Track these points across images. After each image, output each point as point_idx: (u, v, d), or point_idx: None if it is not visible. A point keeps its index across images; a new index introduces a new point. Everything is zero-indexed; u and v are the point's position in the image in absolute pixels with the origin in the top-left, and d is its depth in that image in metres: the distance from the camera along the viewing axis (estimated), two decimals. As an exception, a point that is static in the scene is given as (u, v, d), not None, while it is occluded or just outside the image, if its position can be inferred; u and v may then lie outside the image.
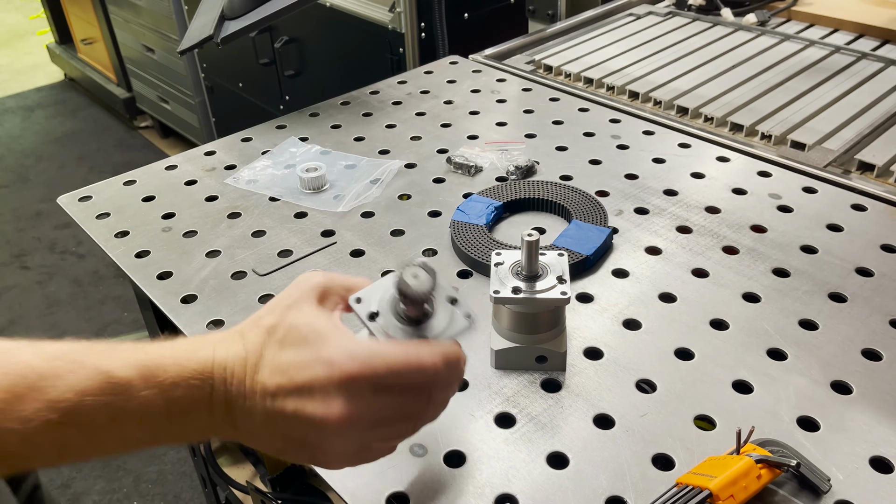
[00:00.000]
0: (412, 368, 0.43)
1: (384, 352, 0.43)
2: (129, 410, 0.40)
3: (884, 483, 0.51)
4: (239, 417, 0.43)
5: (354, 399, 0.42)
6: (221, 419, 0.43)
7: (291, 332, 0.44)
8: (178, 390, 0.42)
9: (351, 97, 1.09)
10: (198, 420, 0.43)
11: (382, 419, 0.44)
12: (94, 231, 0.82)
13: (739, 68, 1.12)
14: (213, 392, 0.43)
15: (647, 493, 0.50)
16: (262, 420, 0.43)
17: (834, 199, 0.82)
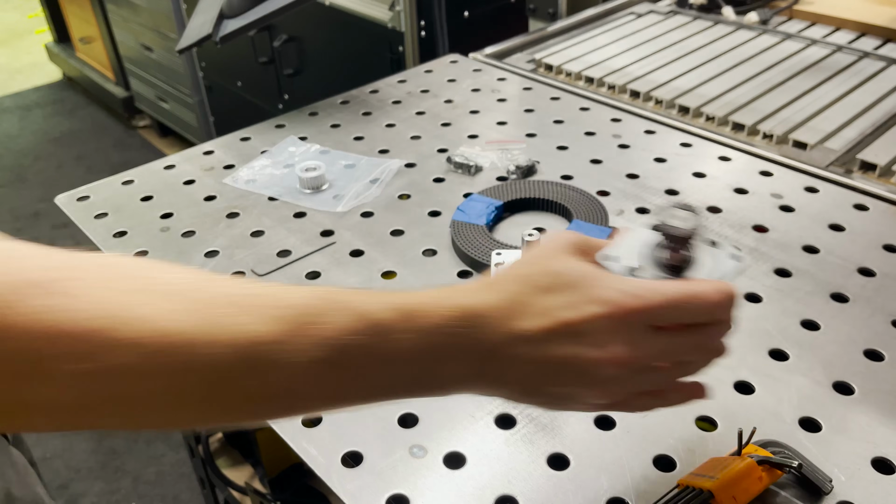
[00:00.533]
0: (692, 302, 0.41)
1: (661, 287, 0.41)
2: (391, 353, 0.38)
3: (886, 484, 0.50)
4: (497, 367, 0.41)
5: (632, 337, 0.40)
6: (478, 368, 0.41)
7: (554, 278, 0.42)
8: (437, 336, 0.39)
9: (350, 96, 1.09)
10: (455, 368, 0.40)
11: (655, 361, 0.42)
12: (93, 231, 0.82)
13: (741, 67, 1.12)
14: (471, 340, 0.40)
15: (649, 494, 0.50)
16: (525, 369, 0.41)
17: (836, 199, 0.82)
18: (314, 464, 0.54)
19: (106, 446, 1.78)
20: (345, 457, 0.54)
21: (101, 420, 0.34)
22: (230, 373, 0.35)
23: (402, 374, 0.40)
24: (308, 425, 0.57)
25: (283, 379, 0.36)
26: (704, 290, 0.42)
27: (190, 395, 0.35)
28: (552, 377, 0.41)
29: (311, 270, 0.74)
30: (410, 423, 0.57)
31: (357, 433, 0.56)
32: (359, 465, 0.53)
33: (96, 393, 0.32)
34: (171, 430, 0.43)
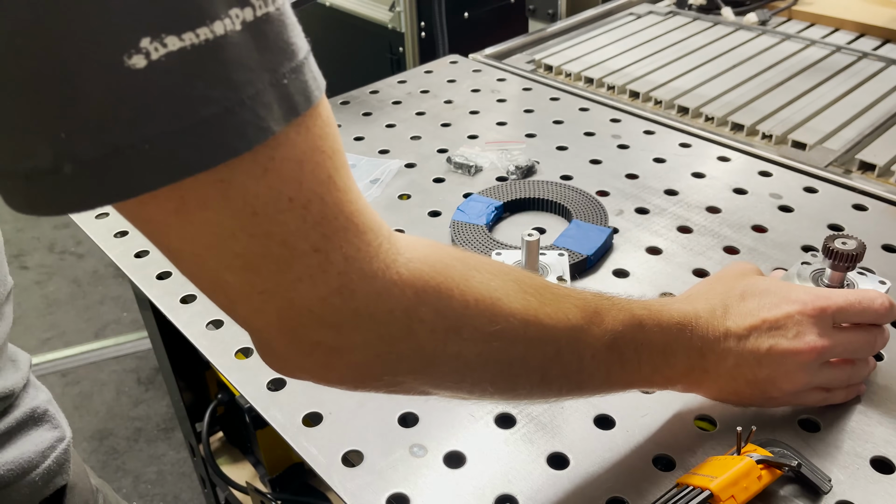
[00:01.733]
0: (866, 305, 0.51)
1: (841, 292, 0.52)
2: (646, 345, 0.46)
3: (885, 483, 0.51)
4: (711, 361, 0.49)
5: (821, 330, 0.50)
6: (698, 361, 0.49)
7: (750, 288, 0.52)
8: (673, 332, 0.47)
9: (350, 97, 1.09)
10: (682, 360, 0.48)
11: (837, 355, 0.52)
12: (93, 231, 0.82)
13: (740, 68, 1.12)
14: (694, 336, 0.48)
15: (648, 493, 0.50)
16: (734, 361, 0.49)
17: (835, 199, 0.82)
18: (315, 463, 0.54)
19: (107, 445, 1.79)
20: (345, 456, 0.54)
21: (480, 381, 0.40)
22: (559, 346, 0.42)
23: (650, 362, 0.47)
24: (308, 424, 0.57)
25: (586, 357, 0.43)
26: (874, 295, 0.52)
27: (533, 364, 0.41)
28: (755, 367, 0.50)
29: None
30: (410, 423, 0.57)
31: (357, 432, 0.56)
32: (359, 465, 0.53)
33: (489, 352, 0.39)
34: (505, 400, 0.50)
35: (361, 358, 0.35)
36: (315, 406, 0.58)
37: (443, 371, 0.38)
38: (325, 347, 0.34)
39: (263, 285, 0.31)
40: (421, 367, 0.37)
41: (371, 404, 0.58)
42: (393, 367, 0.36)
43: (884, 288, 0.56)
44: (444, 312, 0.36)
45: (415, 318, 0.35)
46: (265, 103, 0.28)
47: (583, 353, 0.43)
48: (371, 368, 0.36)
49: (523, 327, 0.40)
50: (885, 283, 0.56)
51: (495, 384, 0.41)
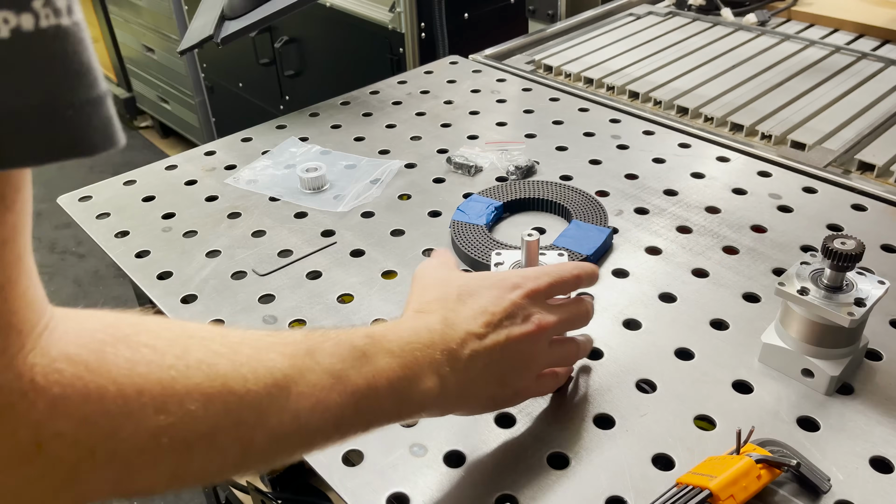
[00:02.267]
0: (575, 274, 0.54)
1: (544, 268, 0.54)
2: (381, 375, 0.43)
3: (884, 483, 0.51)
4: (461, 370, 0.47)
5: (543, 309, 0.51)
6: (448, 377, 0.46)
7: (464, 288, 0.51)
8: (407, 354, 0.44)
9: (351, 97, 1.09)
10: (429, 382, 0.45)
11: (562, 328, 0.53)
12: (95, 231, 0.82)
13: (739, 68, 1.12)
14: (433, 351, 0.46)
15: (647, 493, 0.50)
16: (483, 362, 0.48)
17: (834, 199, 0.82)
18: (315, 462, 0.54)
19: (107, 446, 1.79)
20: (345, 455, 0.54)
21: (160, 477, 0.35)
22: (262, 409, 0.37)
23: (391, 394, 0.43)
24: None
25: (302, 409, 0.39)
26: (574, 266, 0.55)
27: (225, 441, 0.36)
28: (501, 361, 0.49)
29: (311, 270, 0.74)
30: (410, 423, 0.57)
31: (358, 432, 0.56)
32: (359, 464, 0.54)
33: (159, 448, 0.33)
34: (207, 483, 0.47)
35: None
36: (315, 406, 0.58)
37: (100, 483, 0.33)
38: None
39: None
40: (65, 484, 0.31)
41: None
42: (28, 492, 0.31)
43: (883, 288, 0.56)
44: (92, 419, 0.31)
45: (47, 433, 0.30)
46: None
47: (297, 405, 0.38)
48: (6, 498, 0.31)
49: (205, 405, 0.35)
50: (884, 282, 0.57)
51: (181, 476, 0.35)
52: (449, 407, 0.49)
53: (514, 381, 0.51)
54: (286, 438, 0.39)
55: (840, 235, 0.55)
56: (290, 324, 0.68)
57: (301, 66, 1.87)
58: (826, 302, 0.55)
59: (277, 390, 0.38)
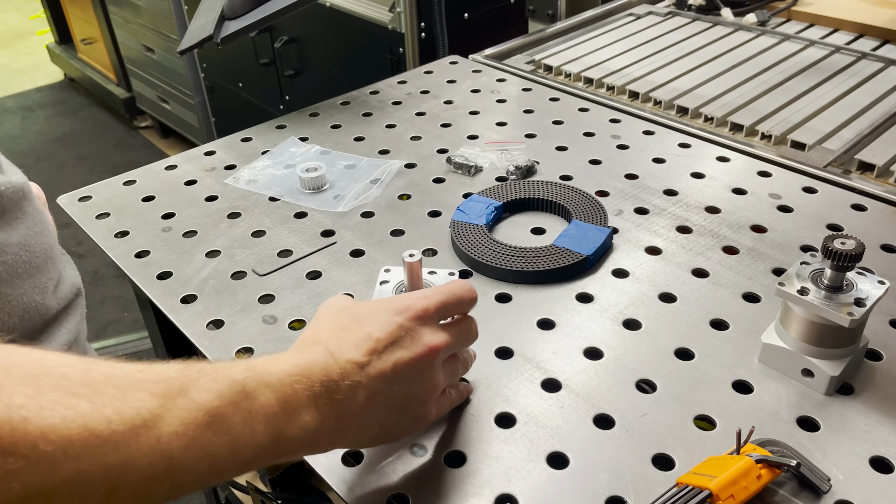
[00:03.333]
0: (460, 295, 0.52)
1: (432, 290, 0.52)
2: (258, 412, 0.41)
3: (884, 483, 0.51)
4: (343, 403, 0.45)
5: (433, 330, 0.49)
6: (328, 411, 0.44)
7: (351, 315, 0.49)
8: (286, 388, 0.43)
9: (351, 97, 1.09)
10: (308, 416, 0.43)
11: (452, 348, 0.51)
12: (94, 231, 0.82)
13: (739, 68, 1.12)
14: (315, 385, 0.44)
15: (647, 493, 0.50)
16: (365, 393, 0.46)
17: (834, 199, 0.82)
18: (315, 462, 0.54)
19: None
20: (345, 455, 0.54)
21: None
22: (128, 453, 0.35)
23: (269, 430, 0.41)
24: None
25: (175, 451, 0.37)
26: (460, 288, 0.52)
27: (85, 489, 0.34)
28: (388, 390, 0.47)
29: (311, 270, 0.74)
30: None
31: (358, 432, 0.56)
32: (359, 464, 0.54)
33: (11, 495, 0.32)
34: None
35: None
36: (315, 406, 0.58)
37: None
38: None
39: None
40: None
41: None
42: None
43: (883, 288, 0.56)
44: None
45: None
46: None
47: (169, 446, 0.36)
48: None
49: (63, 448, 0.32)
50: (883, 282, 0.57)
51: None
52: (332, 441, 0.47)
53: (412, 407, 0.49)
54: (157, 481, 0.36)
55: (840, 235, 0.55)
56: (290, 324, 0.68)
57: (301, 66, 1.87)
58: (826, 302, 0.55)
59: (146, 431, 0.36)
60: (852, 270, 0.56)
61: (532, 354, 0.63)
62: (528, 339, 0.64)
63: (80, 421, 0.33)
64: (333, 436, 0.46)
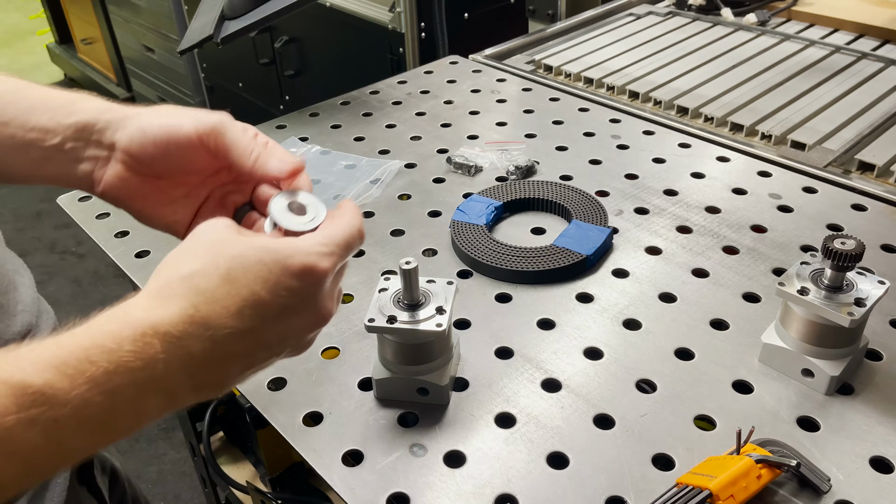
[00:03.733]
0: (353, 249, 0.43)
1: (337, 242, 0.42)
2: (63, 419, 0.33)
3: (884, 483, 0.51)
4: (210, 373, 0.38)
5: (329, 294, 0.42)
6: (187, 386, 0.37)
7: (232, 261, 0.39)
8: (111, 381, 0.34)
9: (351, 97, 1.09)
10: (152, 401, 0.36)
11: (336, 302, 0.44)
12: (94, 231, 0.82)
13: (739, 68, 1.12)
14: (168, 367, 0.36)
15: (647, 493, 0.50)
16: (240, 359, 0.39)
17: (834, 199, 0.82)
18: (315, 462, 0.54)
19: (107, 446, 1.79)
20: (345, 455, 0.54)
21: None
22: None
23: (88, 435, 0.34)
24: (309, 424, 0.57)
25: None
26: (359, 237, 0.43)
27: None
28: (270, 355, 0.40)
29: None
30: (411, 423, 0.57)
31: (357, 432, 0.56)
32: (359, 464, 0.54)
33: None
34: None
35: None
36: (315, 406, 0.58)
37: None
38: None
39: None
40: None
41: (371, 404, 0.58)
42: None
43: (883, 288, 0.56)
44: None
45: None
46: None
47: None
48: None
49: None
50: (883, 282, 0.57)
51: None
52: (184, 404, 0.39)
53: (272, 361, 0.42)
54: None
55: (840, 235, 0.55)
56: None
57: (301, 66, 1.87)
58: (826, 302, 0.55)
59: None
60: (852, 270, 0.56)
61: (532, 354, 0.63)
62: (528, 339, 0.64)
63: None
64: (189, 401, 0.39)
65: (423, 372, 0.57)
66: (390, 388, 0.58)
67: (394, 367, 0.58)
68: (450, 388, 0.58)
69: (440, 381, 0.57)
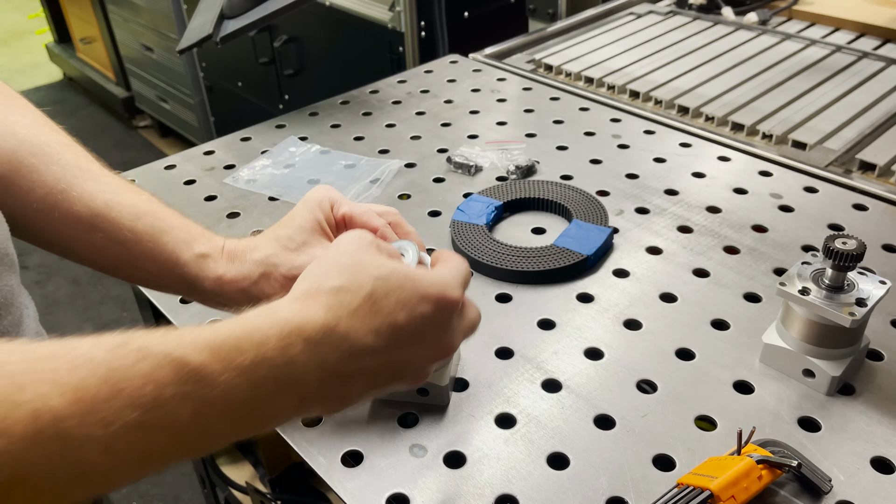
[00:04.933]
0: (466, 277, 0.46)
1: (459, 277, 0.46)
2: (212, 400, 0.35)
3: (885, 483, 0.51)
4: (339, 386, 0.40)
5: (454, 327, 0.45)
6: (317, 393, 0.39)
7: (376, 282, 0.41)
8: (257, 371, 0.36)
9: (350, 96, 1.09)
10: (286, 400, 0.38)
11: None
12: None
13: (740, 67, 1.12)
14: (305, 366, 0.38)
15: (648, 493, 0.50)
16: (367, 377, 0.41)
17: (835, 199, 0.82)
18: (315, 463, 0.54)
19: (106, 446, 1.78)
20: (345, 456, 0.54)
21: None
22: (26, 462, 0.29)
23: (228, 419, 0.36)
24: (309, 425, 0.57)
25: (95, 452, 0.31)
26: (466, 265, 0.47)
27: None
28: (391, 378, 0.42)
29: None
30: (411, 423, 0.57)
31: (358, 432, 0.56)
32: (359, 465, 0.53)
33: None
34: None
35: None
36: (315, 406, 0.58)
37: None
38: None
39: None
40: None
41: (370, 404, 0.58)
42: None
43: (884, 288, 0.56)
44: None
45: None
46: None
47: (81, 457, 0.31)
48: None
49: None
50: (885, 282, 0.56)
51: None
52: (302, 415, 0.41)
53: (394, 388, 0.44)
54: (64, 488, 0.31)
55: (841, 235, 0.55)
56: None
57: (300, 66, 1.87)
58: (827, 302, 0.55)
59: (46, 440, 0.29)
60: (853, 270, 0.56)
61: (532, 355, 0.62)
62: (528, 339, 0.64)
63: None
64: (314, 411, 0.42)
65: None
66: None
67: None
68: (450, 389, 0.58)
69: (440, 382, 0.57)
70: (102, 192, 0.56)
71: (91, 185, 0.56)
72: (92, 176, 0.57)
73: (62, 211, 0.54)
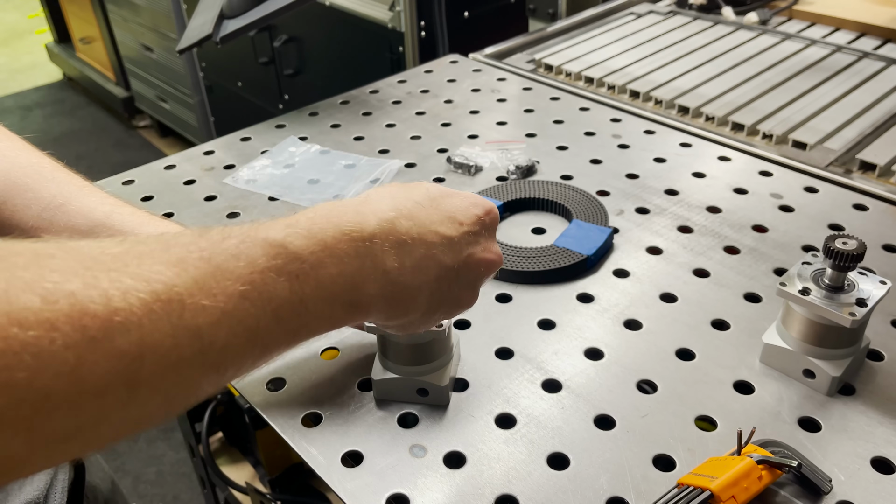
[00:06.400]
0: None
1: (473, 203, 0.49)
2: (304, 275, 0.36)
3: (886, 484, 0.50)
4: (411, 273, 0.42)
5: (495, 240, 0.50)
6: (396, 276, 0.42)
7: (430, 191, 0.47)
8: (342, 245, 0.39)
9: (350, 96, 1.09)
10: (369, 278, 0.40)
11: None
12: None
13: (740, 67, 1.12)
14: (379, 244, 0.41)
15: (648, 493, 0.50)
16: (442, 270, 0.44)
17: (835, 199, 0.82)
18: (314, 463, 0.54)
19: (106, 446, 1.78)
20: (345, 456, 0.54)
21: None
22: (141, 336, 0.29)
23: (323, 301, 0.38)
24: (308, 425, 0.57)
25: (204, 330, 0.32)
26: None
27: (98, 374, 0.28)
28: (450, 283, 0.45)
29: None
30: (410, 423, 0.57)
31: (357, 433, 0.56)
32: (359, 465, 0.53)
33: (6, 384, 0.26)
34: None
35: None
36: (315, 406, 0.58)
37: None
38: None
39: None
40: None
41: (370, 405, 0.58)
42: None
43: (884, 288, 0.56)
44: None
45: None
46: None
47: (195, 321, 0.31)
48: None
49: (49, 333, 0.26)
50: (885, 282, 0.56)
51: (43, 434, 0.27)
52: (381, 312, 0.43)
53: (451, 307, 0.48)
54: (187, 363, 0.31)
55: (841, 235, 0.55)
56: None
57: (300, 66, 1.87)
58: (827, 302, 0.55)
59: (161, 306, 0.30)
60: (854, 270, 0.56)
61: (532, 355, 0.62)
62: (528, 339, 0.64)
63: (67, 301, 0.27)
64: (386, 307, 0.43)
65: (422, 373, 0.57)
66: (390, 388, 0.58)
67: (393, 367, 0.57)
68: (450, 389, 0.58)
69: (440, 382, 0.57)
70: (102, 205, 0.57)
71: (90, 199, 0.56)
72: (90, 191, 0.58)
73: (60, 225, 0.54)
